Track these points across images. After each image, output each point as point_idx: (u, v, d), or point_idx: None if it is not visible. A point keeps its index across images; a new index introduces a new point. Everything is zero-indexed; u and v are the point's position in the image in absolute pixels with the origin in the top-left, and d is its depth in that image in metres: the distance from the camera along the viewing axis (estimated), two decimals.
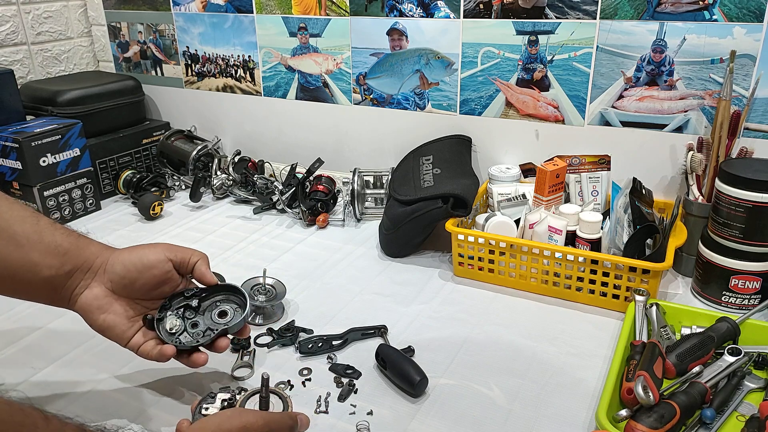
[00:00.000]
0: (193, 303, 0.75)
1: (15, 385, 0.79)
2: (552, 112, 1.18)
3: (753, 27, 0.98)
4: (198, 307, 0.76)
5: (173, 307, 0.75)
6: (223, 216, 1.31)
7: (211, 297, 0.77)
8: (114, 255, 0.73)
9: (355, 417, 0.73)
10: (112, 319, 0.71)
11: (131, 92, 1.50)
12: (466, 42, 1.20)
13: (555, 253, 0.95)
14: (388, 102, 1.33)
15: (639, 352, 0.76)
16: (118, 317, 0.71)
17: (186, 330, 0.74)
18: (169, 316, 0.74)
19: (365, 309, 0.95)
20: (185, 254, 0.76)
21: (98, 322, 0.70)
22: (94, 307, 0.70)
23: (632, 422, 0.66)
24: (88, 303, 0.70)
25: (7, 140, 1.21)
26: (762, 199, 0.85)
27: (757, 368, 0.78)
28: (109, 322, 0.70)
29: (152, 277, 0.72)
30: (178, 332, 0.73)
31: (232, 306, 0.77)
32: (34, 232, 0.69)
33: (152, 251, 0.73)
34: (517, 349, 0.85)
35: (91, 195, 1.33)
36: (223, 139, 1.57)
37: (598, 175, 1.09)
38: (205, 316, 0.76)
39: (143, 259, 0.72)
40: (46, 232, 0.70)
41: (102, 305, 0.70)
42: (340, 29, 1.32)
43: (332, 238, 1.20)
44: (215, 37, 1.48)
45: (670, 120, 1.08)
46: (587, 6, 1.08)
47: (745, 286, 0.90)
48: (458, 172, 1.14)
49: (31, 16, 1.52)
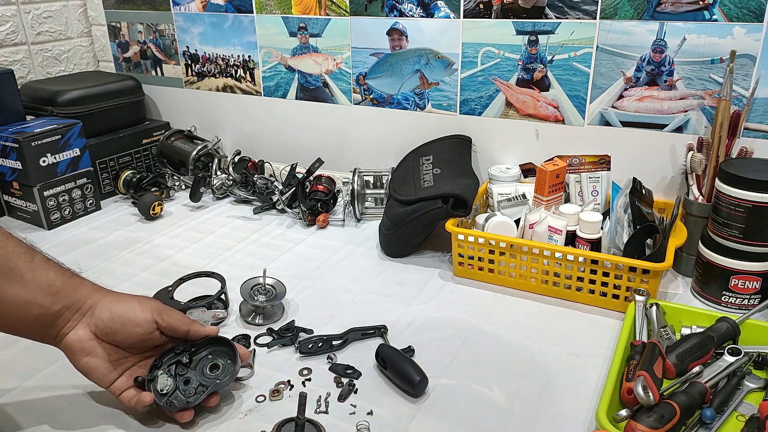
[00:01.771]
0: (183, 359, 0.75)
1: (15, 385, 0.80)
2: (552, 112, 1.18)
3: (753, 27, 0.98)
4: (189, 362, 0.75)
5: (164, 365, 0.74)
6: (223, 216, 1.31)
7: (203, 349, 0.77)
8: (104, 300, 0.73)
9: (355, 417, 0.73)
10: (94, 362, 0.71)
11: (131, 92, 1.50)
12: (466, 42, 1.20)
13: (555, 253, 0.95)
14: (388, 102, 1.33)
15: (639, 352, 0.76)
16: (100, 360, 0.71)
17: (178, 389, 0.73)
18: (160, 376, 0.73)
19: (365, 309, 0.95)
20: (174, 322, 0.75)
21: (81, 363, 0.71)
22: (77, 348, 0.71)
23: (632, 422, 0.66)
24: (72, 344, 0.70)
25: (7, 140, 1.21)
26: (762, 199, 0.85)
27: (757, 368, 0.78)
28: (91, 365, 0.71)
29: (135, 334, 0.72)
30: (169, 392, 0.72)
31: (223, 359, 0.76)
32: (28, 270, 0.69)
33: (141, 308, 0.73)
34: (517, 349, 0.85)
35: (91, 195, 1.33)
36: (223, 139, 1.57)
37: (598, 175, 1.09)
38: (197, 371, 0.75)
39: (129, 314, 0.72)
40: (40, 270, 0.70)
41: (85, 347, 0.71)
42: (340, 29, 1.32)
43: (332, 238, 1.20)
44: (215, 37, 1.48)
45: (670, 120, 1.08)
46: (587, 6, 1.08)
47: (745, 286, 0.90)
48: (458, 172, 1.14)
49: (31, 16, 1.52)
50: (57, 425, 0.73)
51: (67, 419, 0.74)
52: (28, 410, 0.76)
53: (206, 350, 0.77)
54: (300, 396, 0.65)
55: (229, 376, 0.74)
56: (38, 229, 1.26)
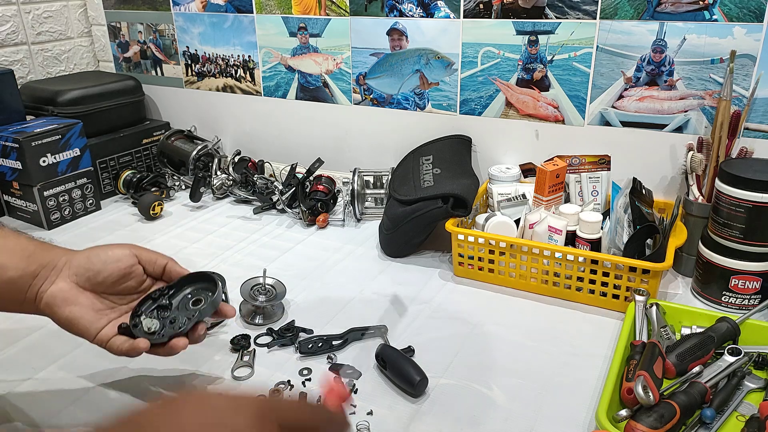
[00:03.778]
0: (163, 302, 0.73)
1: (15, 385, 0.80)
2: (552, 112, 1.18)
3: (753, 27, 0.98)
4: (170, 305, 0.74)
5: (145, 312, 0.73)
6: (223, 216, 1.31)
7: (181, 291, 0.76)
8: (80, 252, 0.73)
9: (355, 417, 0.73)
10: (77, 311, 0.69)
11: (131, 92, 1.50)
12: (466, 42, 1.20)
13: (555, 253, 0.95)
14: (388, 102, 1.33)
15: (639, 352, 0.76)
16: (84, 309, 0.69)
17: (165, 328, 0.71)
18: (144, 320, 0.71)
19: (365, 309, 0.95)
20: (152, 255, 0.75)
21: (64, 314, 0.69)
22: (59, 299, 0.69)
23: (632, 422, 0.66)
24: (54, 295, 0.69)
25: (7, 140, 1.21)
26: (762, 199, 0.85)
27: (757, 368, 0.78)
28: (75, 314, 0.69)
29: (117, 269, 0.72)
30: (158, 330, 0.71)
31: (205, 294, 0.75)
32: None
33: (117, 246, 0.74)
34: (517, 349, 0.85)
35: (91, 195, 1.33)
36: (223, 139, 1.57)
37: (598, 175, 1.09)
38: (181, 311, 0.74)
39: (107, 252, 0.73)
40: (11, 237, 0.71)
41: (67, 297, 0.69)
42: (340, 29, 1.32)
43: (332, 238, 1.20)
44: (215, 37, 1.48)
45: (670, 120, 1.08)
46: (587, 6, 1.08)
47: (745, 286, 0.90)
48: (458, 172, 1.14)
49: (31, 16, 1.52)
50: (57, 425, 0.73)
51: (67, 419, 0.74)
52: (28, 410, 0.75)
53: (185, 291, 0.76)
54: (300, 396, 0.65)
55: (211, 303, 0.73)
56: (38, 229, 1.26)
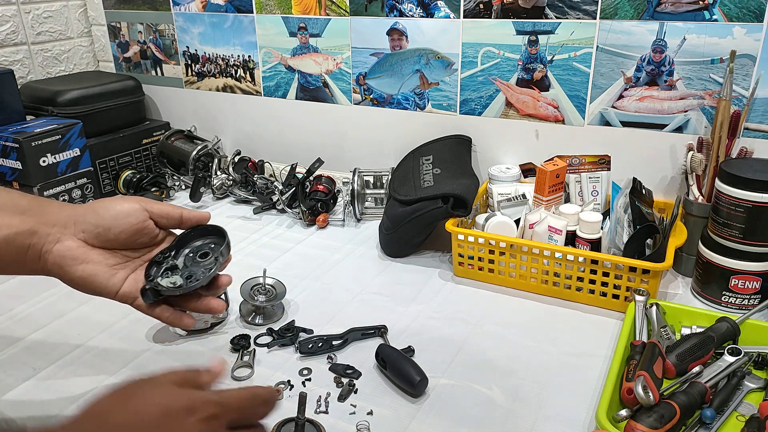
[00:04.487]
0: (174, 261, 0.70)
1: (15, 385, 0.80)
2: (552, 112, 1.18)
3: (753, 27, 0.98)
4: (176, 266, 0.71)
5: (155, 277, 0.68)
6: (223, 216, 1.31)
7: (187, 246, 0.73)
8: (83, 207, 0.68)
9: (355, 417, 0.73)
10: (91, 268, 0.64)
11: (131, 92, 1.50)
12: (466, 42, 1.20)
13: (555, 253, 0.95)
14: (388, 102, 1.33)
15: (639, 352, 0.76)
16: (97, 266, 0.65)
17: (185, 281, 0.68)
18: (162, 280, 0.67)
19: (365, 309, 0.95)
20: (164, 207, 0.71)
21: (77, 274, 0.64)
22: (68, 258, 0.63)
23: (632, 422, 0.66)
24: (61, 255, 0.63)
25: (7, 140, 1.21)
26: (762, 199, 0.85)
27: (757, 368, 0.78)
28: (89, 271, 0.64)
29: (128, 224, 0.67)
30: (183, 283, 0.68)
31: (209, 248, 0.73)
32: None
33: (127, 201, 0.69)
34: (517, 349, 0.85)
35: (91, 195, 1.33)
36: (223, 139, 1.57)
37: (598, 175, 1.09)
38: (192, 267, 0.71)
39: (117, 207, 0.67)
40: (1, 194, 0.65)
41: (77, 255, 0.64)
42: (340, 29, 1.32)
43: (332, 238, 1.20)
44: (215, 37, 1.48)
45: (670, 120, 1.08)
46: (587, 6, 1.08)
47: (745, 286, 0.90)
48: (458, 172, 1.14)
49: (31, 16, 1.52)
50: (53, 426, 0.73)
51: None
52: (28, 410, 0.75)
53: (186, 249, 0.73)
54: (300, 396, 0.65)
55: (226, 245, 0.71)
56: None
